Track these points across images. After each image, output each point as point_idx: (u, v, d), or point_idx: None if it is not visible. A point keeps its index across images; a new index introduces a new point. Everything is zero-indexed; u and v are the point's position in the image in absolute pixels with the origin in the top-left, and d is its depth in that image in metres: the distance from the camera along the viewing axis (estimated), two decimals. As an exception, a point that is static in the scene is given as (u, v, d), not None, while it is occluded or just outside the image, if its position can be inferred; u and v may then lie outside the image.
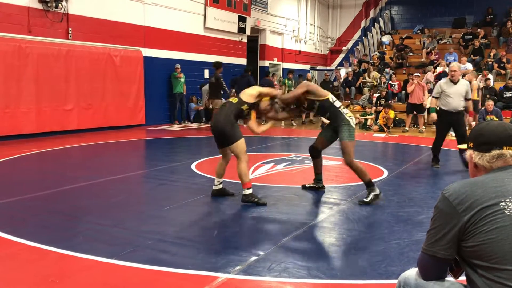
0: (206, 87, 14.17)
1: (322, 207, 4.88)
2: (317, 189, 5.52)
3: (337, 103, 5.04)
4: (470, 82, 13.20)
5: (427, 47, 17.94)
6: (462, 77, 14.31)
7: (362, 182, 5.05)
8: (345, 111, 5.04)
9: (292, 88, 14.41)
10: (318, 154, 5.39)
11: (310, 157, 5.49)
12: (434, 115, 7.44)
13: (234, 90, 13.16)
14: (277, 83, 15.95)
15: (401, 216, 4.54)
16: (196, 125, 13.44)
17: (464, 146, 2.00)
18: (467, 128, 7.77)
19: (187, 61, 13.78)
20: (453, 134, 11.57)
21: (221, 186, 5.14)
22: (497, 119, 10.84)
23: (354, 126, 5.00)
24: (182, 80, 13.16)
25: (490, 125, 1.77)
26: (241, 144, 4.77)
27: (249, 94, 4.92)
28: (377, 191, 5.00)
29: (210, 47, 14.92)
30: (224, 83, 12.25)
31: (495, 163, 1.70)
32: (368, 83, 16.59)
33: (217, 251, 3.50)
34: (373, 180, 5.07)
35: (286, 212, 4.68)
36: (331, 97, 5.05)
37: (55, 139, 9.38)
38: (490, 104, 11.57)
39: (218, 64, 12.18)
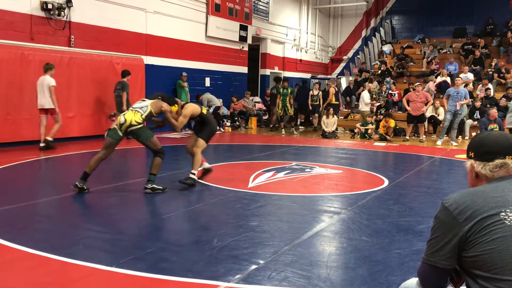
0: (206, 95, 14.24)
1: (322, 216, 4.88)
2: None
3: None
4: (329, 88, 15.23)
5: (427, 56, 18.01)
6: (465, 87, 14.39)
7: (363, 191, 5.04)
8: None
9: (287, 97, 14.45)
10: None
11: (310, 165, 5.49)
12: None
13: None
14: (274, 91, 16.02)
15: (401, 226, 4.53)
16: (197, 133, 13.41)
17: (463, 156, 2.01)
18: None
19: (188, 69, 13.84)
20: (454, 143, 11.67)
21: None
22: (497, 128, 10.84)
23: (115, 127, 5.66)
24: (187, 89, 13.26)
25: (491, 135, 1.78)
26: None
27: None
28: (78, 185, 5.49)
29: (212, 55, 15.00)
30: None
31: (497, 173, 1.70)
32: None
33: (217, 260, 3.50)
34: (374, 189, 5.05)
35: (287, 220, 4.68)
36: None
37: (56, 146, 9.38)
38: (494, 111, 11.51)
39: (277, 79, 15.65)
